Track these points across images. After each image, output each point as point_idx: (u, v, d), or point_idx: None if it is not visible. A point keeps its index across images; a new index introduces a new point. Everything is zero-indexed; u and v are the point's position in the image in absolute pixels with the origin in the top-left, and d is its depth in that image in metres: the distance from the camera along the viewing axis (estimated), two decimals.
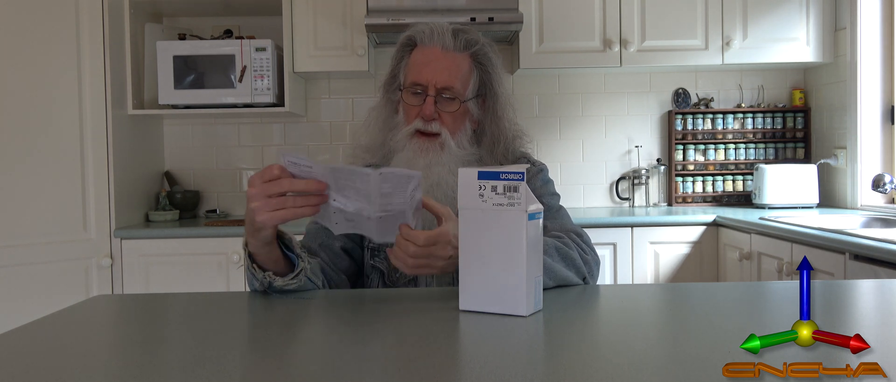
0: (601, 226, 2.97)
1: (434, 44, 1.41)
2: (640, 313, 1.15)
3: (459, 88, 1.40)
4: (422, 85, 1.40)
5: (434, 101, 1.39)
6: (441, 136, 1.40)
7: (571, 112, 3.56)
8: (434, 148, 1.40)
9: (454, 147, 1.41)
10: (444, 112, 1.40)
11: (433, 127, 1.40)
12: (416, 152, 1.40)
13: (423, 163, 1.39)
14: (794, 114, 3.50)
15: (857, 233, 2.22)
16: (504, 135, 1.45)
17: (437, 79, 1.39)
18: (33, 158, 2.76)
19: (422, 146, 1.40)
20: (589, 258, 1.33)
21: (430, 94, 1.39)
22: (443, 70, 1.39)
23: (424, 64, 1.40)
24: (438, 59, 1.40)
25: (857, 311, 1.17)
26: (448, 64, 1.40)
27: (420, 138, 1.40)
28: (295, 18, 3.14)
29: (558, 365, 0.83)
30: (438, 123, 1.40)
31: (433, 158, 1.39)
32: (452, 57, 1.41)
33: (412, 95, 1.41)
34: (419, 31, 1.43)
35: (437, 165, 1.39)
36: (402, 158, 1.41)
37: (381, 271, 1.44)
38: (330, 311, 1.16)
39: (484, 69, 1.43)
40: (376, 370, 0.83)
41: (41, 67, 2.77)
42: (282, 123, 3.52)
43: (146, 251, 2.91)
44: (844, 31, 3.15)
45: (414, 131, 1.41)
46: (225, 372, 0.82)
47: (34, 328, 1.04)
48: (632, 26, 3.20)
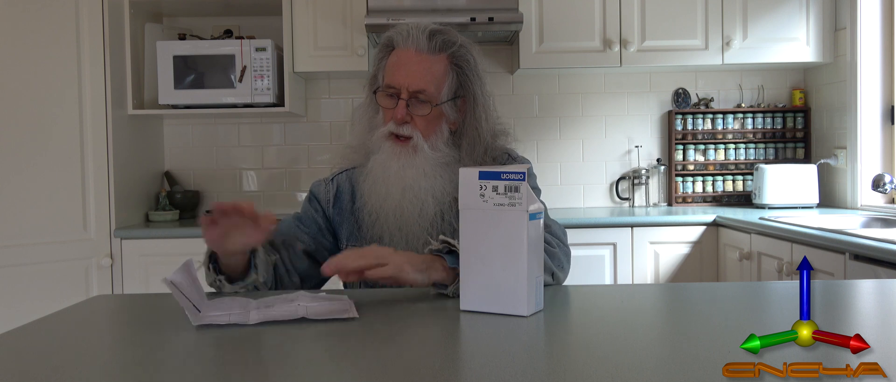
0: (601, 226, 2.98)
1: (409, 46, 1.39)
2: (640, 313, 1.15)
3: (433, 92, 1.39)
4: (395, 88, 1.39)
5: (406, 104, 1.38)
6: (413, 139, 1.39)
7: (571, 112, 3.56)
8: (407, 152, 1.39)
9: (427, 150, 1.40)
10: (416, 115, 1.39)
11: (405, 130, 1.39)
12: (390, 156, 1.40)
13: (396, 166, 1.39)
14: (794, 114, 3.50)
15: (857, 233, 2.22)
16: (482, 136, 1.44)
17: (409, 82, 1.37)
18: (33, 158, 2.76)
19: (395, 150, 1.40)
20: (557, 250, 1.32)
21: (402, 97, 1.38)
22: (415, 73, 1.38)
23: (398, 67, 1.39)
24: (412, 61, 1.38)
25: (857, 311, 1.17)
26: (421, 67, 1.38)
27: (394, 141, 1.40)
28: (295, 18, 3.14)
29: (558, 365, 0.83)
30: (411, 126, 1.39)
31: (406, 161, 1.39)
32: (427, 59, 1.39)
33: (387, 97, 1.41)
34: (397, 33, 1.42)
35: (409, 167, 1.39)
36: (379, 160, 1.41)
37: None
38: None
39: (461, 71, 1.41)
40: (377, 370, 0.83)
41: (41, 67, 2.77)
42: (282, 123, 3.52)
43: (146, 251, 2.91)
44: (844, 31, 3.15)
45: (388, 133, 1.41)
46: (225, 372, 0.82)
47: (34, 328, 1.04)
48: (632, 26, 3.20)
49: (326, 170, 3.64)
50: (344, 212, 1.47)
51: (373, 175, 1.42)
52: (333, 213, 1.48)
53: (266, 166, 3.54)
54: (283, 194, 3.55)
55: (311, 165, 3.54)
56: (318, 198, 1.50)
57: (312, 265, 1.44)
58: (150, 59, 3.22)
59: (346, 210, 1.47)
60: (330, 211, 1.48)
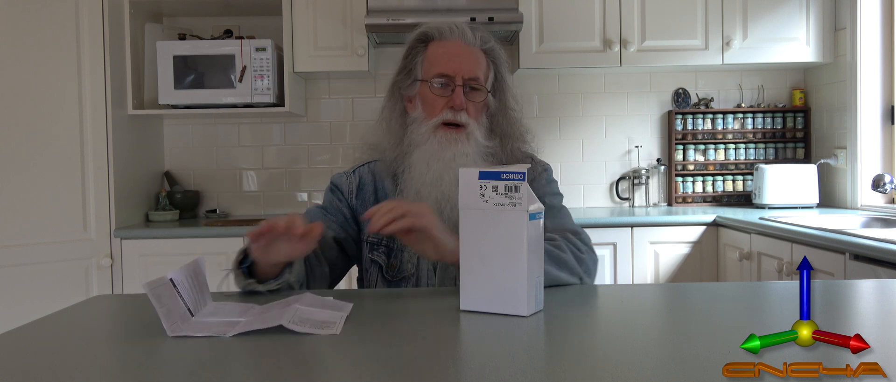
0: (601, 226, 2.97)
1: (454, 37, 1.43)
2: (640, 313, 1.15)
3: (483, 80, 1.43)
4: (448, 76, 1.40)
5: (462, 91, 1.40)
6: (468, 126, 1.40)
7: (571, 112, 3.56)
8: (461, 139, 1.40)
9: (479, 138, 1.42)
10: (470, 102, 1.41)
11: (462, 117, 1.40)
12: (442, 144, 1.40)
13: (448, 154, 1.39)
14: (794, 114, 3.50)
15: (857, 233, 2.22)
16: (513, 131, 1.48)
17: (464, 69, 1.40)
18: (33, 158, 2.76)
19: (448, 137, 1.40)
20: (585, 257, 1.33)
21: (458, 84, 1.40)
22: (468, 61, 1.41)
23: (450, 56, 1.41)
24: (462, 51, 1.42)
25: (857, 311, 1.17)
26: (472, 56, 1.42)
27: (446, 130, 1.40)
28: (295, 18, 3.14)
29: (558, 365, 0.83)
30: (466, 113, 1.41)
31: (459, 149, 1.39)
32: (473, 50, 1.43)
33: (438, 86, 1.41)
34: (434, 27, 1.45)
35: (462, 156, 1.39)
36: (425, 150, 1.40)
37: (379, 264, 1.45)
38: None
39: (496, 65, 1.46)
40: (377, 370, 0.83)
41: (41, 67, 2.77)
42: (282, 123, 3.52)
43: (146, 251, 2.91)
44: (844, 31, 3.15)
45: (439, 124, 1.40)
46: (226, 372, 0.82)
47: (34, 328, 1.04)
48: (632, 26, 3.20)
49: (327, 170, 3.66)
50: (367, 203, 1.47)
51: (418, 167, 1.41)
52: (357, 204, 1.48)
53: (266, 166, 3.54)
54: (283, 194, 3.55)
55: (311, 165, 3.54)
56: (340, 189, 1.50)
57: (340, 254, 1.45)
58: (150, 59, 3.22)
59: (369, 202, 1.47)
60: (353, 202, 1.49)
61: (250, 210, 3.53)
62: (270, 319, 0.97)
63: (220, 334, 0.95)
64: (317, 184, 3.54)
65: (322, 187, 3.52)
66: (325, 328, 0.96)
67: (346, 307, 1.08)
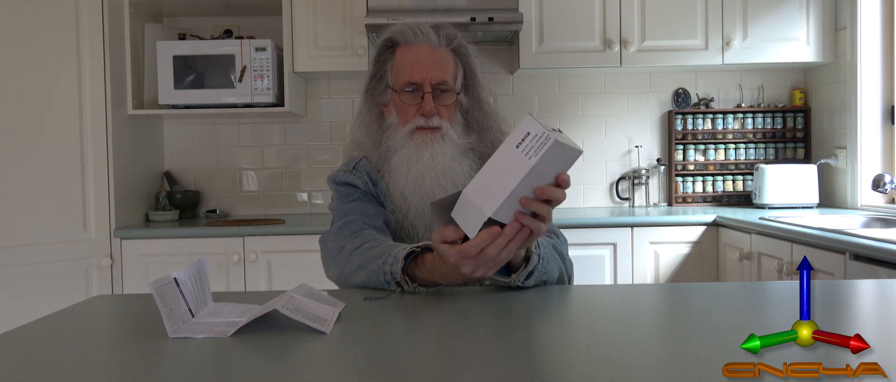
0: (601, 226, 2.97)
1: (419, 42, 1.44)
2: (640, 313, 1.15)
3: (451, 82, 1.44)
4: (416, 83, 1.42)
5: (432, 97, 1.41)
6: (442, 128, 1.42)
7: (571, 112, 3.56)
8: (436, 139, 1.42)
9: (454, 137, 1.44)
10: (441, 106, 1.43)
11: (434, 121, 1.42)
12: (419, 146, 1.42)
13: (426, 155, 1.41)
14: (794, 114, 3.50)
15: (857, 233, 2.21)
16: (489, 123, 1.49)
17: (431, 75, 1.41)
18: (33, 158, 2.76)
19: (423, 139, 1.42)
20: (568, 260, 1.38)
21: (426, 91, 1.41)
22: (435, 66, 1.42)
23: (415, 63, 1.42)
24: (428, 56, 1.42)
25: (857, 311, 1.17)
26: (438, 59, 1.43)
27: (421, 133, 1.42)
28: (295, 18, 3.14)
29: (558, 365, 0.83)
30: (438, 117, 1.42)
31: (437, 148, 1.42)
32: (439, 52, 1.44)
33: (407, 94, 1.43)
34: (400, 32, 1.45)
35: (440, 155, 1.41)
36: (403, 155, 1.43)
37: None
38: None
39: (466, 61, 1.47)
40: (377, 369, 0.83)
41: (41, 67, 2.77)
42: (282, 123, 3.52)
43: (146, 251, 2.91)
44: (844, 31, 3.15)
45: (413, 129, 1.43)
46: (226, 372, 0.82)
47: (34, 328, 1.04)
48: (632, 26, 3.20)
49: (327, 170, 3.64)
50: (380, 191, 1.49)
51: (399, 171, 1.43)
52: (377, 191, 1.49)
53: (266, 166, 3.54)
54: (283, 194, 3.55)
55: (311, 165, 3.54)
56: (356, 184, 1.49)
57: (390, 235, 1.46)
58: (150, 59, 3.22)
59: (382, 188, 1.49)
60: (373, 190, 1.49)
61: (250, 210, 3.53)
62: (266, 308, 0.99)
63: (221, 334, 0.96)
64: (317, 184, 3.54)
65: (322, 187, 3.53)
66: (317, 322, 0.98)
67: (338, 305, 1.09)
